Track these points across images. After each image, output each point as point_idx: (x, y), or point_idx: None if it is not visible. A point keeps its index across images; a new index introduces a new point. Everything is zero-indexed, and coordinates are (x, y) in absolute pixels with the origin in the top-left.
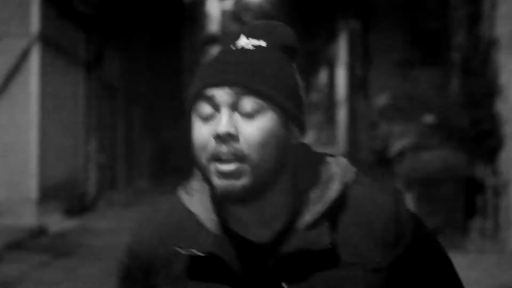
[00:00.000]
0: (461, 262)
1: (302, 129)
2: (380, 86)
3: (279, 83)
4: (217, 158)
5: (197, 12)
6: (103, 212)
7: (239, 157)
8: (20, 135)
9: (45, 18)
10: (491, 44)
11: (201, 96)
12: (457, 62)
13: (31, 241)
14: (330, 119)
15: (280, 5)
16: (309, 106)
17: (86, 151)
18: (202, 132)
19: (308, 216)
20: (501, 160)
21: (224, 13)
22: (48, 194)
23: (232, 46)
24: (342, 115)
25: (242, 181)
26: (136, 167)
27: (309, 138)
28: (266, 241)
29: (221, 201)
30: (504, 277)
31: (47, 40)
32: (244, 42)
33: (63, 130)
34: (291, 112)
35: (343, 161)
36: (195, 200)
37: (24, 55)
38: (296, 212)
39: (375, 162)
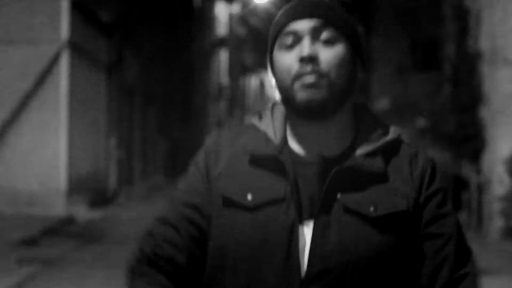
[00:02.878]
0: None
1: (364, 65)
2: (380, 90)
3: (348, 21)
4: (300, 76)
5: (206, 16)
6: (123, 204)
7: (319, 74)
8: (51, 132)
9: (73, 26)
10: (476, 57)
11: (284, 30)
12: (447, 72)
13: (62, 228)
14: None
15: None
16: None
17: (107, 148)
18: (286, 59)
19: (368, 147)
20: (484, 160)
21: (231, 16)
22: (75, 187)
23: None
24: None
25: (321, 93)
26: (151, 164)
27: None
28: (328, 156)
29: (300, 114)
30: (483, 262)
31: (74, 46)
32: None
33: (87, 128)
34: (357, 46)
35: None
36: (264, 122)
37: (55, 59)
38: (355, 142)
39: None
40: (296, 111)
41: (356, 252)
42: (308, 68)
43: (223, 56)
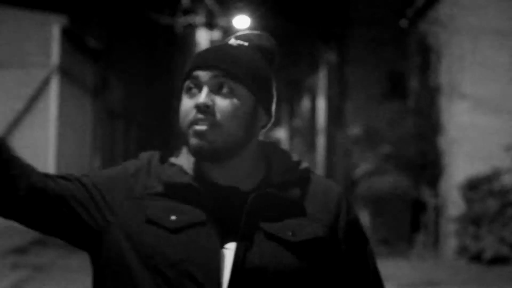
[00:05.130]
0: (404, 265)
1: (270, 116)
2: (353, 118)
3: (253, 73)
4: (194, 123)
5: (187, 42)
6: None
7: (212, 123)
8: (40, 150)
9: (62, 51)
10: (436, 90)
11: (189, 76)
12: (411, 103)
13: (49, 239)
14: (311, 145)
15: (266, 36)
16: (292, 131)
17: (91, 166)
18: (186, 105)
19: (283, 178)
20: (441, 185)
21: (212, 42)
22: None
23: (221, 43)
24: (321, 142)
25: (211, 142)
26: None
27: None
28: (243, 189)
29: (194, 157)
30: (436, 276)
31: (63, 70)
32: (232, 41)
33: (74, 146)
34: (260, 99)
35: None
36: (179, 159)
37: (45, 83)
38: (269, 175)
39: (346, 185)
40: (193, 155)
41: (275, 274)
42: (203, 115)
43: None
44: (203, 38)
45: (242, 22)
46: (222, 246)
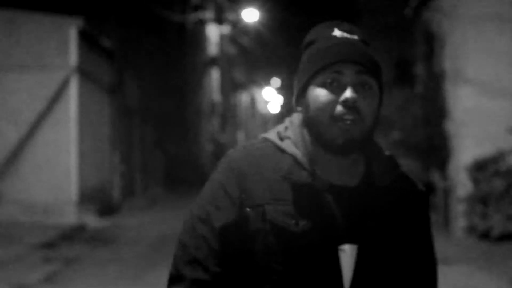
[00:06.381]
0: None
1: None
2: None
3: (379, 69)
4: (339, 118)
5: (198, 37)
6: (126, 214)
7: (357, 118)
8: (62, 148)
9: (80, 52)
10: (441, 76)
11: (328, 69)
12: (417, 89)
13: (75, 234)
14: None
15: (273, 28)
16: None
17: (111, 162)
18: (326, 97)
19: (383, 177)
20: (449, 167)
21: (222, 37)
22: (84, 198)
23: (333, 35)
24: None
25: (356, 136)
26: (150, 177)
27: None
28: (350, 185)
29: (328, 150)
30: (446, 254)
31: (81, 71)
32: (340, 33)
33: (94, 144)
34: (382, 93)
35: None
36: (288, 144)
37: (65, 84)
38: (370, 171)
39: None
40: (326, 147)
41: (389, 274)
42: (350, 111)
43: (214, 74)
44: (213, 33)
45: (250, 15)
46: (339, 247)
